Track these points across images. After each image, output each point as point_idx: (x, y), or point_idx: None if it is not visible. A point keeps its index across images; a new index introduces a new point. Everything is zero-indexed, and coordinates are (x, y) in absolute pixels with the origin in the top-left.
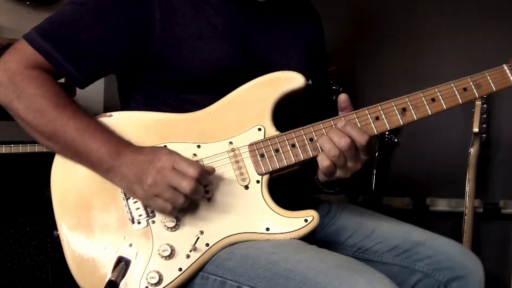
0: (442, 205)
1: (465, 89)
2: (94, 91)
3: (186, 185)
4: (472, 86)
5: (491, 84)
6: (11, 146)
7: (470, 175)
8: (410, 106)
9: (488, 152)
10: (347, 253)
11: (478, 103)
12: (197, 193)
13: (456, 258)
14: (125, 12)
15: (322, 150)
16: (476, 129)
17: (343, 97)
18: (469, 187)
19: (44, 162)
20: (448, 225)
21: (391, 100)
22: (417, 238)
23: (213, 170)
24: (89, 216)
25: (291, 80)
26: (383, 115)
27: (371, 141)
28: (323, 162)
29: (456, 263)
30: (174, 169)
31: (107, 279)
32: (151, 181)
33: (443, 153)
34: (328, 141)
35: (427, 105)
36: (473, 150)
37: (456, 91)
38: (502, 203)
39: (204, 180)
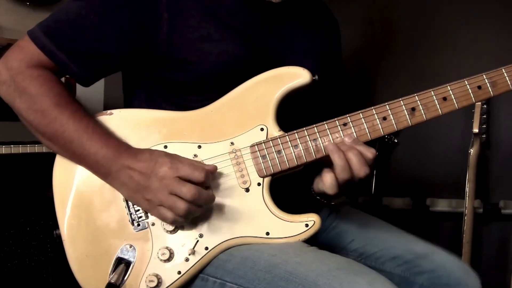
0: (442, 205)
1: (479, 87)
2: (94, 91)
3: (186, 192)
4: (488, 83)
5: (508, 81)
6: (11, 147)
7: (470, 176)
8: (420, 105)
9: (488, 152)
10: (349, 257)
11: (478, 103)
12: (205, 199)
13: (455, 274)
14: (130, 11)
15: (334, 164)
16: (476, 130)
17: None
18: (469, 188)
19: (44, 163)
20: (448, 226)
21: (400, 99)
22: (420, 250)
23: (216, 168)
24: (90, 216)
25: (295, 76)
26: (391, 115)
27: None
28: (332, 189)
29: (455, 280)
30: (177, 177)
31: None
32: (154, 191)
33: (443, 154)
34: (342, 160)
35: (438, 105)
36: (473, 151)
37: (469, 89)
38: (502, 203)
39: (208, 182)
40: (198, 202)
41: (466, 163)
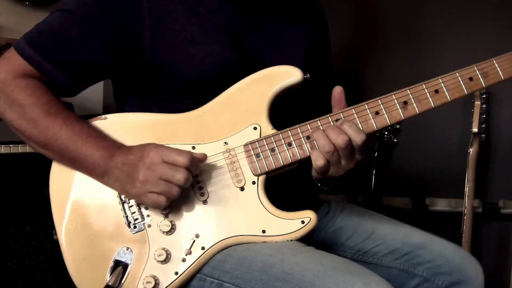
0: (441, 205)
1: (471, 78)
2: (93, 91)
3: (179, 177)
4: (479, 75)
5: (499, 72)
6: (10, 146)
7: (469, 175)
8: (412, 98)
9: (487, 152)
10: (347, 255)
11: (478, 103)
12: (188, 182)
13: (455, 262)
14: (114, 20)
15: (316, 145)
16: (475, 129)
17: (338, 90)
18: (468, 187)
19: (44, 162)
20: (447, 225)
21: (391, 93)
22: (417, 241)
23: (205, 156)
24: (86, 220)
25: (287, 75)
26: (383, 110)
27: (368, 141)
28: (317, 161)
29: (455, 268)
30: (164, 162)
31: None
32: (142, 178)
33: (442, 153)
34: (323, 137)
35: (430, 97)
36: (472, 150)
37: (461, 81)
38: (502, 203)
39: (195, 168)
40: (186, 186)
41: (465, 163)
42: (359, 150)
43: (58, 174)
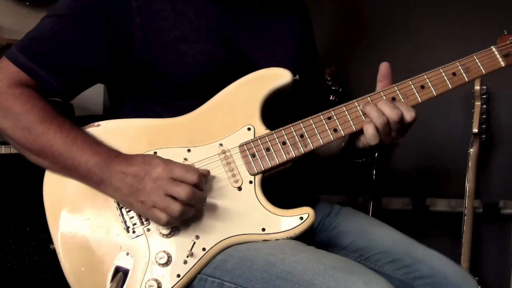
0: (442, 205)
1: (454, 73)
2: (94, 92)
3: (179, 191)
4: (461, 70)
5: (480, 67)
6: (11, 147)
7: (469, 176)
8: (400, 95)
9: (487, 152)
10: (349, 258)
11: (478, 103)
12: (198, 199)
13: (454, 281)
14: (104, 21)
15: (369, 117)
16: (475, 130)
17: (384, 65)
18: (468, 188)
19: None
20: (447, 226)
21: (380, 90)
22: (419, 255)
23: (208, 172)
24: (83, 227)
25: (277, 77)
26: None
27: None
28: (369, 129)
29: (453, 287)
30: (171, 179)
31: None
32: (148, 192)
33: (443, 154)
34: (375, 109)
35: (416, 93)
36: (472, 151)
37: (445, 76)
38: (502, 203)
39: (201, 184)
40: (191, 202)
41: (465, 163)
42: (406, 126)
43: (52, 180)
